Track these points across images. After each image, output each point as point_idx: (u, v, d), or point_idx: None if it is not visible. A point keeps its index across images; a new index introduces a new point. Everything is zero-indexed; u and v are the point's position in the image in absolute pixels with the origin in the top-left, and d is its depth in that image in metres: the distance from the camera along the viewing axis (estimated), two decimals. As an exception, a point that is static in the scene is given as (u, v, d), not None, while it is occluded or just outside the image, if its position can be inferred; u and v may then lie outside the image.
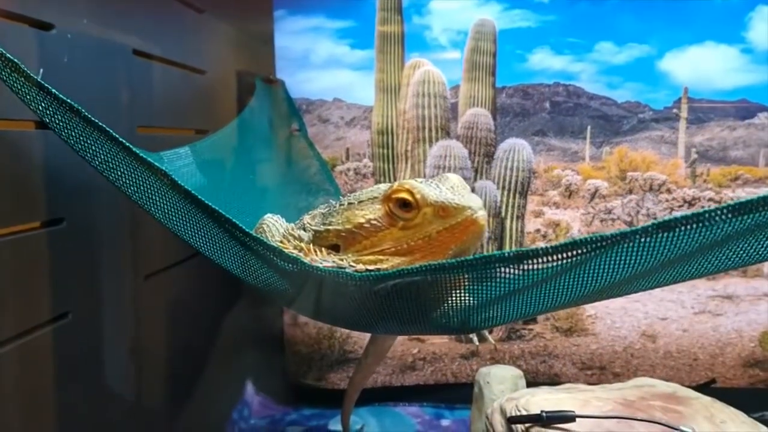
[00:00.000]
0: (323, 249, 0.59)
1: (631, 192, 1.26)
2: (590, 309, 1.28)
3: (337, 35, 1.24)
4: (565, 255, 0.43)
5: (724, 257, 0.47)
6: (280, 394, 1.32)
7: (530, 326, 1.30)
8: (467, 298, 0.52)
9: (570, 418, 0.74)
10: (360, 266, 0.55)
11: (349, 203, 0.61)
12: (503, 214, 1.28)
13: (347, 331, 1.29)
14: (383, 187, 0.60)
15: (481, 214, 0.55)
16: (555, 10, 1.22)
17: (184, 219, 0.56)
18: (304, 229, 0.64)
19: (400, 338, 1.28)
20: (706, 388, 1.28)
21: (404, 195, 0.56)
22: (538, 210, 1.28)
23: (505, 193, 1.27)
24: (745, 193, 1.24)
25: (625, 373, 1.27)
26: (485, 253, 0.44)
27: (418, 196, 0.56)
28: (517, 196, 1.27)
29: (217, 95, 1.15)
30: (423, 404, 1.29)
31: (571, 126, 1.26)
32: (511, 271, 0.46)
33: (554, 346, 1.29)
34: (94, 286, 0.75)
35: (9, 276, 0.60)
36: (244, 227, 0.53)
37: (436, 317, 0.55)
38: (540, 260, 0.43)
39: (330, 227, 0.60)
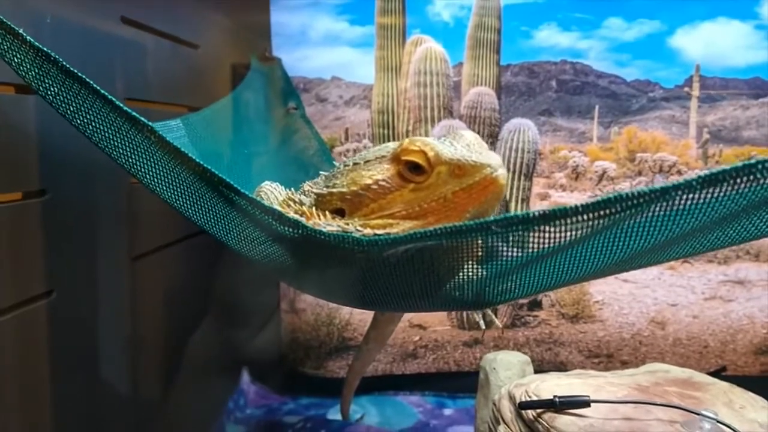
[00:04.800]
0: (327, 213, 0.55)
1: (640, 174, 1.22)
2: (597, 295, 1.24)
3: (336, 11, 1.19)
4: (596, 214, 0.39)
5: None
6: (277, 383, 1.28)
7: (535, 313, 1.26)
8: (485, 267, 0.48)
9: (584, 403, 0.70)
10: (368, 230, 0.50)
11: (355, 164, 0.56)
12: (508, 196, 1.23)
13: (347, 317, 1.25)
14: (392, 145, 0.55)
15: (501, 173, 0.51)
16: (563, -16, 1.18)
17: (174, 183, 0.51)
18: (306, 195, 0.59)
19: (401, 325, 1.24)
20: (716, 375, 1.24)
21: (416, 153, 0.52)
22: (544, 193, 1.24)
23: (510, 175, 1.23)
24: (758, 175, 1.20)
25: (633, 361, 1.23)
26: (506, 214, 0.40)
27: (431, 154, 0.52)
28: (523, 178, 1.23)
29: (210, 72, 1.10)
30: (425, 393, 1.25)
31: (579, 105, 1.22)
32: (536, 234, 0.42)
33: (560, 333, 1.25)
34: (79, 265, 0.70)
35: (-15, 249, 0.56)
36: (239, 188, 0.48)
37: (449, 289, 0.50)
38: (569, 221, 0.39)
39: (334, 190, 0.55)
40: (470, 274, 0.49)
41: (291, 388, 1.28)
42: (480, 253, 0.47)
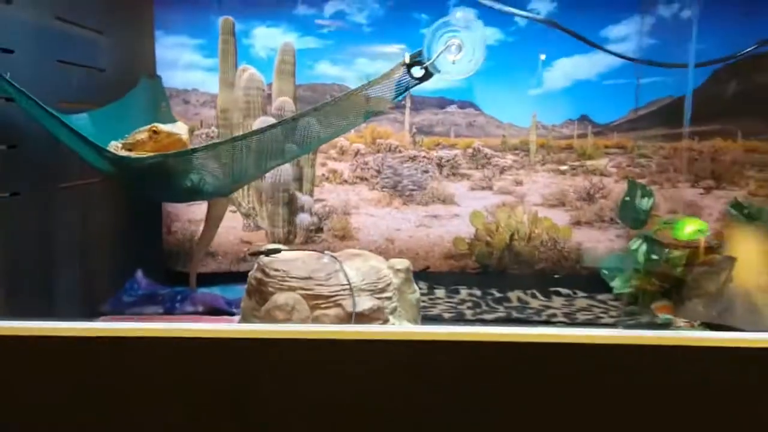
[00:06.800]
0: (126, 151, 1.34)
1: (379, 152, 2.05)
2: (355, 224, 2.06)
3: (193, 48, 1.98)
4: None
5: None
6: (162, 278, 2.05)
7: (319, 235, 2.07)
8: (190, 174, 1.29)
9: (278, 250, 1.51)
10: (137, 156, 1.31)
11: (136, 132, 1.36)
12: (302, 164, 2.04)
13: (203, 235, 2.03)
14: (147, 127, 1.36)
15: (183, 137, 1.32)
16: (331, 36, 1.99)
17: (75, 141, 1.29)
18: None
19: (235, 241, 2.04)
20: (424, 272, 2.07)
21: (155, 127, 1.33)
22: (324, 162, 2.06)
23: (303, 151, 2.03)
24: (443, 153, 2.05)
25: (376, 264, 2.05)
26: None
27: (159, 128, 1.33)
28: (311, 153, 2.04)
29: (114, 86, 1.86)
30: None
31: (343, 110, 2.03)
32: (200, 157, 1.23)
33: (334, 248, 2.06)
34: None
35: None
36: (90, 137, 1.27)
37: (183, 183, 1.31)
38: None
39: (126, 141, 1.36)
40: (187, 175, 1.29)
41: (171, 281, 2.05)
42: (186, 166, 1.27)
